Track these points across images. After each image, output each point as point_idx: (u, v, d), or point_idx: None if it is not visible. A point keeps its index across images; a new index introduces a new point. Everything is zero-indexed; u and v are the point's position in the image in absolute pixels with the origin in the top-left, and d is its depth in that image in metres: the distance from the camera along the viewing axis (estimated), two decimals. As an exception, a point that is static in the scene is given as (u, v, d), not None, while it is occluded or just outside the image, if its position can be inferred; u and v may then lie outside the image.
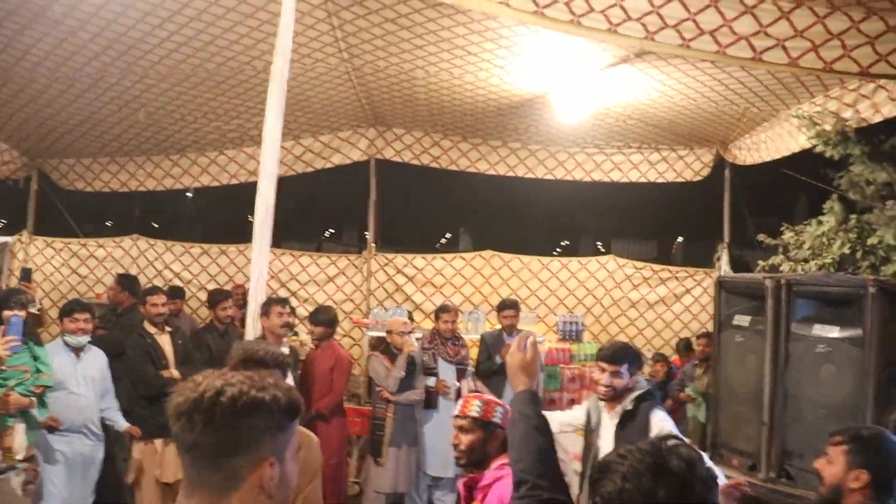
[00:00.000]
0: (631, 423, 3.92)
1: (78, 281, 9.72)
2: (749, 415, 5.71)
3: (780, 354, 5.37)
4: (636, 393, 4.01)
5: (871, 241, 6.21)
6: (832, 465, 2.85)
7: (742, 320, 5.83)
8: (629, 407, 3.96)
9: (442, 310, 7.17)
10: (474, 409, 3.03)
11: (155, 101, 7.73)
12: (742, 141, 8.62)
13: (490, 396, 3.19)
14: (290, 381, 5.49)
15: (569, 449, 6.82)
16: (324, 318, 6.41)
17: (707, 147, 9.45)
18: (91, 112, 7.87)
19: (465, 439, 3.03)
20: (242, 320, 7.12)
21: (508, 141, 9.78)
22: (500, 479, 2.88)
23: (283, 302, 5.81)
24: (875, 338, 4.87)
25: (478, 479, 2.98)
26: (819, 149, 6.60)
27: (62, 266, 9.72)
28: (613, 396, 4.01)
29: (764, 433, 5.48)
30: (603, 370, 4.05)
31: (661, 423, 3.88)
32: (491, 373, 7.14)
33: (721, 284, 6.14)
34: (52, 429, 5.00)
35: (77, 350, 5.31)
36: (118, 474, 5.91)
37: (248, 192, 5.80)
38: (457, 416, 3.10)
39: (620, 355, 4.05)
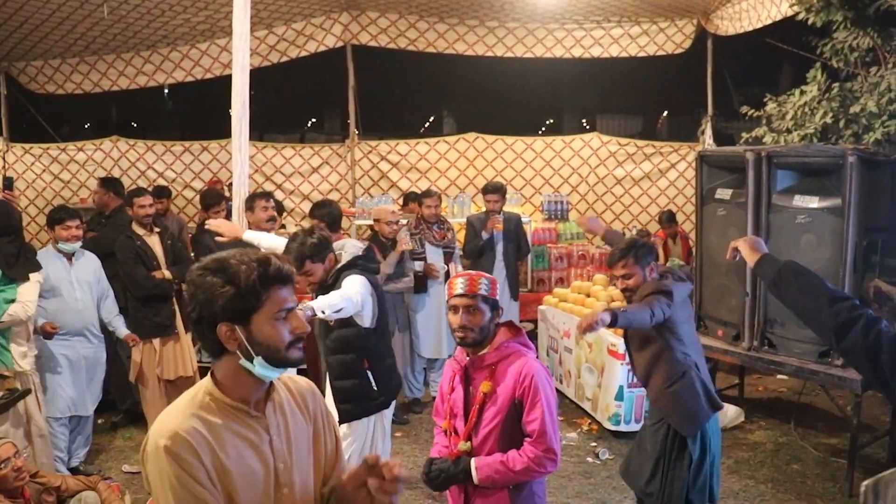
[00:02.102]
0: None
1: (61, 186, 9.66)
2: (732, 286, 5.87)
3: (761, 226, 5.47)
4: (338, 266, 4.12)
5: (854, 109, 6.20)
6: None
7: (724, 193, 5.90)
8: (330, 281, 4.06)
9: (424, 195, 7.17)
10: (483, 287, 2.97)
11: (118, -5, 7.47)
12: (723, 10, 8.44)
13: (488, 275, 3.11)
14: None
15: (559, 326, 7.04)
16: (319, 213, 6.28)
17: (688, 18, 9.25)
18: (52, 10, 7.59)
19: (476, 319, 2.94)
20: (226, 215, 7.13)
21: (485, 20, 9.55)
22: (507, 356, 2.93)
23: (267, 196, 5.75)
24: (854, 206, 4.95)
25: (480, 359, 2.97)
26: (802, 16, 6.50)
27: (43, 172, 9.63)
28: (317, 289, 4.10)
29: (746, 303, 5.65)
30: None
31: (343, 283, 3.99)
32: (479, 252, 7.19)
33: (702, 158, 6.16)
34: (49, 335, 5.09)
35: (69, 256, 5.34)
36: (124, 373, 6.06)
37: (225, 85, 5.69)
38: (463, 296, 2.97)
39: (298, 256, 3.97)
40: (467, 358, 3.03)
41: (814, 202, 5.23)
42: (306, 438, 1.98)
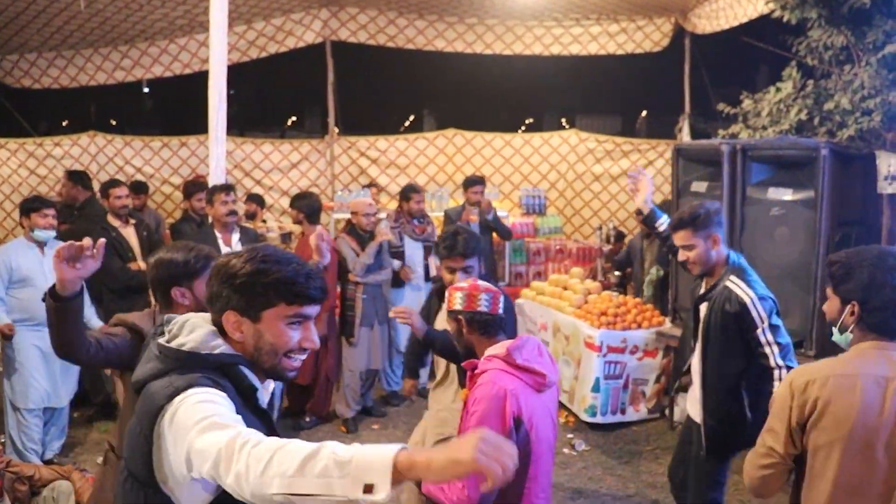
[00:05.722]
0: None
1: (38, 181, 9.54)
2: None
3: (736, 218, 5.53)
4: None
5: (828, 106, 6.26)
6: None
7: (699, 186, 5.95)
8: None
9: (412, 190, 7.11)
10: (456, 302, 3.00)
11: (96, -12, 7.42)
12: (701, 9, 8.51)
13: (476, 282, 3.08)
14: None
15: (537, 319, 7.07)
16: (299, 204, 6.27)
17: (666, 16, 9.33)
18: (27, 2, 7.52)
19: (451, 328, 3.05)
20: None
21: (465, 17, 9.58)
22: (486, 371, 2.84)
23: (227, 189, 5.61)
24: (826, 199, 5.02)
25: (473, 366, 2.95)
26: (777, 13, 6.57)
27: (19, 167, 9.52)
28: None
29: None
30: None
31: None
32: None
33: (678, 152, 6.22)
34: (7, 336, 5.07)
35: (41, 245, 5.29)
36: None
37: (204, 81, 5.65)
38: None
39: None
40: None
41: (788, 195, 5.29)
42: None
